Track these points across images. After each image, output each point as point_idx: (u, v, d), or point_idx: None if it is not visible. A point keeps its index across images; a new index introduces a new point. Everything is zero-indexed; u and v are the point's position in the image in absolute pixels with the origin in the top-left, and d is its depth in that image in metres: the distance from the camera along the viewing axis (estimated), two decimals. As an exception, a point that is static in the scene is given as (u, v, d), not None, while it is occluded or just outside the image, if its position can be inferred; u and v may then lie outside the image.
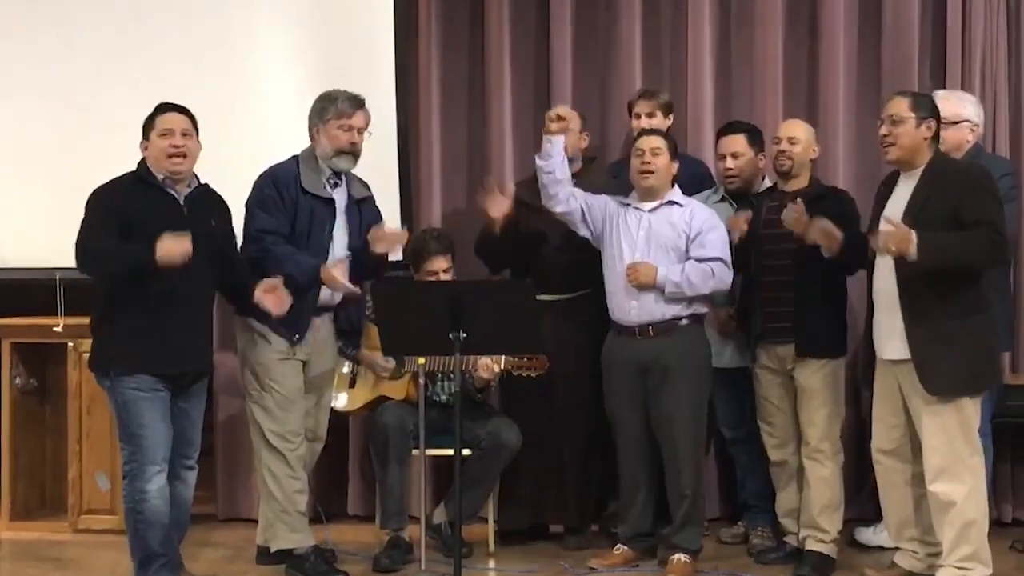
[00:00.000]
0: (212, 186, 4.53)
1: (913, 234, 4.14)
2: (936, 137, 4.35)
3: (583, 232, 4.87)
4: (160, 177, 4.36)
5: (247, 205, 4.74)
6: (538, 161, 4.83)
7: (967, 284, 4.24)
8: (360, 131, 4.77)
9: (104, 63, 5.64)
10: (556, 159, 4.78)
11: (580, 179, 4.97)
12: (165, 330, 4.28)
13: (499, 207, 5.01)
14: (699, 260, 4.66)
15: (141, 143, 4.41)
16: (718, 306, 4.98)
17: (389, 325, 4.41)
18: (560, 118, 4.79)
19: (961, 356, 4.22)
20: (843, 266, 4.60)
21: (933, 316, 4.23)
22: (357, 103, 4.78)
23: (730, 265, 4.70)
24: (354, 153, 4.77)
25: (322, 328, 4.82)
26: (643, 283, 4.65)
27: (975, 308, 4.26)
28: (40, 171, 5.69)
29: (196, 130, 4.43)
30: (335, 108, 4.75)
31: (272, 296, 4.45)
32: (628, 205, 4.81)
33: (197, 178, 4.47)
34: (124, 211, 4.28)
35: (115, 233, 4.25)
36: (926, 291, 4.23)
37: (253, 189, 4.75)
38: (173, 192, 4.38)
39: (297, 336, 4.70)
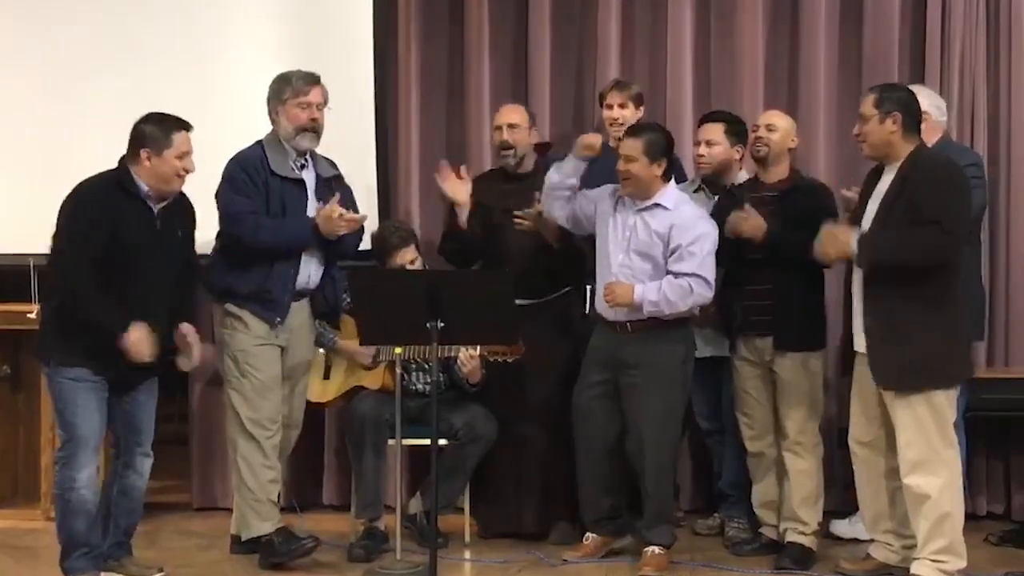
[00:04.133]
0: (184, 191, 4.47)
1: (853, 237, 4.18)
2: (912, 129, 4.33)
3: (579, 232, 4.85)
4: (144, 189, 4.31)
5: (217, 192, 4.71)
6: (554, 175, 4.79)
7: (930, 279, 4.23)
8: (319, 107, 4.75)
9: (80, 54, 5.59)
10: (573, 180, 4.76)
11: (536, 177, 4.93)
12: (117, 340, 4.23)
13: (461, 191, 4.99)
14: (676, 275, 4.57)
15: (143, 152, 4.28)
16: None
17: (366, 314, 4.39)
18: (590, 147, 4.72)
19: (913, 351, 4.22)
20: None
21: (890, 310, 4.25)
22: (312, 79, 4.76)
23: (711, 281, 4.57)
24: (315, 130, 4.75)
25: (299, 314, 4.80)
26: (620, 303, 4.57)
27: (937, 304, 4.25)
28: (14, 157, 5.65)
29: None
30: (291, 87, 4.74)
31: (186, 345, 4.42)
32: (621, 199, 4.72)
33: None
34: (107, 222, 4.22)
35: (99, 249, 4.19)
36: (887, 286, 4.25)
37: (223, 176, 4.72)
38: (150, 204, 4.33)
39: (279, 319, 4.69)
